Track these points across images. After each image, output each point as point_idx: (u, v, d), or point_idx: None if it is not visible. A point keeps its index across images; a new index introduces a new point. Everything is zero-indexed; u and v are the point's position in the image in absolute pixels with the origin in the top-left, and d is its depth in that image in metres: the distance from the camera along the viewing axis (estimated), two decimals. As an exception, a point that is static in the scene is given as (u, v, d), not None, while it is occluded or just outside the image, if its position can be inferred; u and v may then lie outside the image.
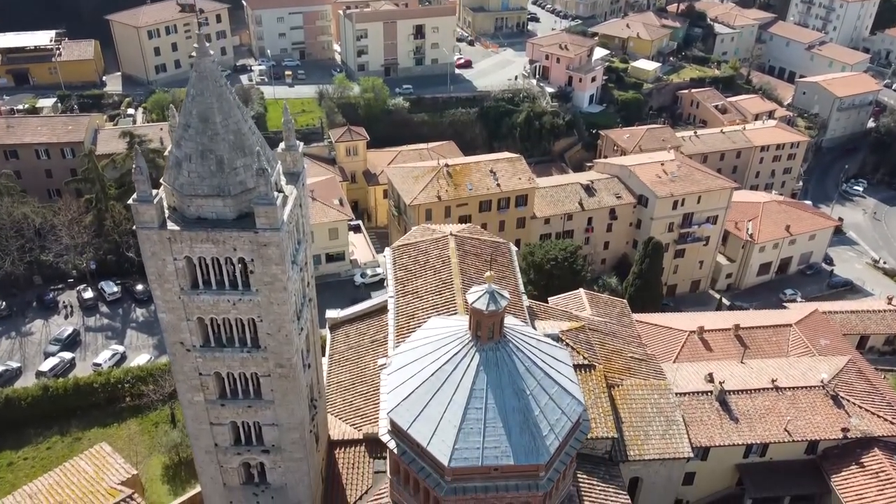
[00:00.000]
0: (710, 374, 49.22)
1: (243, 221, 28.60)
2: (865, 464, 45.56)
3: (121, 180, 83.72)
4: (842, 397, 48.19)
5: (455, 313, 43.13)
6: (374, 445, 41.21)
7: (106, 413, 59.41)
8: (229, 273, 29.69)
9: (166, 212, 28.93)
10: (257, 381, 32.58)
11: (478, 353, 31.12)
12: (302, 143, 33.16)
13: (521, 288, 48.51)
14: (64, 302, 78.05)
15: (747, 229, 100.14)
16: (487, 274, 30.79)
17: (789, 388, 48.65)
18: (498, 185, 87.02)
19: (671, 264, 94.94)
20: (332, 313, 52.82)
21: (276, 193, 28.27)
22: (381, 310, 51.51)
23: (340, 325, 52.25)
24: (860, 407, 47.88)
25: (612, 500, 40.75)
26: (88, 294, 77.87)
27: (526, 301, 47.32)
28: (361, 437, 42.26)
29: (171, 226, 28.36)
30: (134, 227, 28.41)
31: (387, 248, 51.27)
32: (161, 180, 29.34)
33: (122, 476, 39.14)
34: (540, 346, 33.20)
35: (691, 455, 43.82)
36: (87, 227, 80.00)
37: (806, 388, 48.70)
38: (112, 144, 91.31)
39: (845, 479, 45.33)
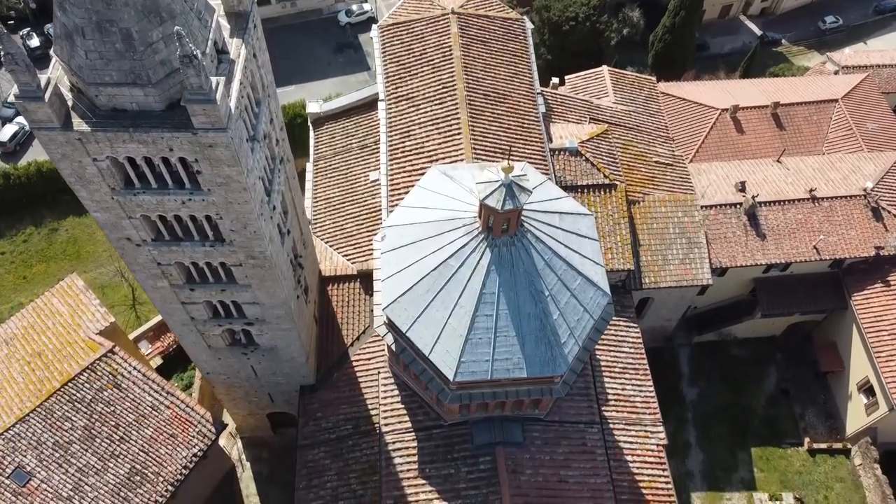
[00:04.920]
0: (743, 183, 44.02)
1: (176, 113, 20.87)
2: (892, 283, 42.95)
3: None
4: (883, 208, 43.68)
5: (459, 132, 36.64)
6: (369, 281, 37.78)
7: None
8: (172, 167, 22.89)
9: (69, 98, 21.02)
10: (228, 268, 27.73)
11: (489, 249, 25.85)
12: (247, -32, 23.40)
13: (538, 86, 40.71)
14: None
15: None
16: (505, 164, 23.96)
17: (827, 198, 43.91)
18: None
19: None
20: (313, 107, 45.47)
21: (214, 79, 20.21)
22: (370, 105, 44.23)
23: (324, 122, 45.24)
24: (900, 219, 43.76)
25: (622, 335, 38.92)
26: (34, 41, 67.35)
27: (542, 106, 39.88)
28: (355, 272, 38.71)
29: (77, 123, 20.74)
30: None
31: (373, 26, 42.04)
32: (51, 52, 20.87)
33: (100, 324, 36.21)
34: (563, 223, 27.72)
35: (710, 283, 40.94)
36: (13, -44, 66.54)
37: (845, 198, 43.95)
38: None
39: (867, 299, 43.15)
